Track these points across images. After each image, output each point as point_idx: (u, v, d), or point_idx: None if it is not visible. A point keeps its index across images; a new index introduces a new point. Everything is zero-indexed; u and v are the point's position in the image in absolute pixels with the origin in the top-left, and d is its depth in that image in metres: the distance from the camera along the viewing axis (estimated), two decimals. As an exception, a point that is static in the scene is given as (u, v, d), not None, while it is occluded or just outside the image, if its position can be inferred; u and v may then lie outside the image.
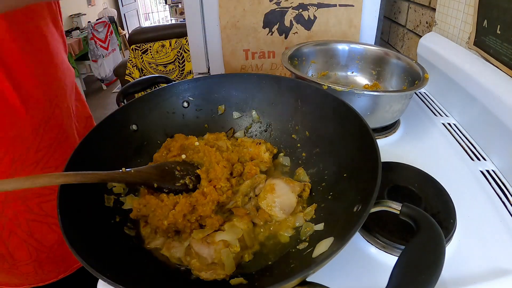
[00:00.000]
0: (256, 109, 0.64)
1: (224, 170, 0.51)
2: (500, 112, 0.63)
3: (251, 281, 0.41)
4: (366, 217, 0.35)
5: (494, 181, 0.62)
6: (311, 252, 0.40)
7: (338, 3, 1.00)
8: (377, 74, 0.89)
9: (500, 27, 0.65)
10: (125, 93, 0.62)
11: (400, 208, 0.38)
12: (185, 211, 0.46)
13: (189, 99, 0.63)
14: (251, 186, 0.52)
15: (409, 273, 0.32)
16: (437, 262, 0.32)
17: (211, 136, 0.60)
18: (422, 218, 0.36)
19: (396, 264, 0.33)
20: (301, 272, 0.32)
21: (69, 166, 0.43)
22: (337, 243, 0.38)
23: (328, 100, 0.55)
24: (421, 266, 0.32)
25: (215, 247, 0.43)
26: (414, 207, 0.37)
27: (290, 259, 0.43)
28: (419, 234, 0.35)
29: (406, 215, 0.37)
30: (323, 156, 0.55)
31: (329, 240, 0.40)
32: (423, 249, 0.33)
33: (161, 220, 0.45)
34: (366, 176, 0.42)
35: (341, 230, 0.40)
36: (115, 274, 0.33)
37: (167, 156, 0.55)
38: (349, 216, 0.40)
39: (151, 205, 0.47)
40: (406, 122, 0.80)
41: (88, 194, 0.45)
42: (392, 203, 0.38)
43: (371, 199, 0.36)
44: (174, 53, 2.35)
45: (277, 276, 0.41)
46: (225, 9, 0.99)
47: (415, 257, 0.33)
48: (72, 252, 0.33)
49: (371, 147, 0.43)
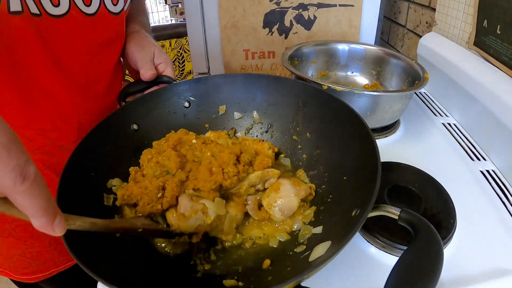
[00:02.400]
0: (257, 109, 0.64)
1: (230, 156, 0.51)
2: (500, 112, 0.63)
3: (246, 283, 0.41)
4: (363, 222, 0.34)
5: (494, 181, 0.62)
6: (308, 256, 0.40)
7: (338, 3, 1.00)
8: (377, 74, 0.89)
9: (500, 27, 0.65)
10: (125, 93, 0.62)
11: (399, 213, 0.37)
12: (175, 192, 0.47)
13: (190, 99, 0.62)
14: (261, 178, 0.52)
15: (406, 280, 0.31)
16: (435, 269, 0.31)
17: (212, 134, 0.60)
18: (420, 224, 0.36)
19: (393, 270, 0.32)
20: (295, 277, 0.31)
21: (69, 165, 0.43)
22: (334, 247, 0.38)
23: (330, 101, 0.55)
24: (419, 273, 0.31)
25: (194, 204, 0.45)
26: (413, 213, 0.37)
27: (287, 261, 0.43)
28: (417, 240, 0.34)
29: (404, 221, 0.37)
30: (324, 158, 0.55)
31: (326, 244, 0.39)
32: (421, 256, 0.33)
33: (154, 206, 0.46)
34: (365, 180, 0.42)
35: (339, 234, 0.40)
36: (114, 276, 0.33)
37: (164, 144, 0.55)
38: (348, 220, 0.40)
39: (135, 194, 0.47)
40: (406, 122, 0.80)
41: (87, 193, 0.45)
42: (390, 208, 0.38)
43: (369, 204, 0.36)
44: (174, 53, 2.35)
45: (272, 279, 0.40)
46: (225, 9, 0.99)
47: (413, 264, 0.32)
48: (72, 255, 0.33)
49: (371, 151, 0.43)
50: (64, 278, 0.74)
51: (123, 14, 0.65)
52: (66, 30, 0.54)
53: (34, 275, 0.70)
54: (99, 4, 0.58)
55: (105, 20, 0.60)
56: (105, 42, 0.62)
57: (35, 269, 0.70)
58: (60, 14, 0.52)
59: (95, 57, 0.61)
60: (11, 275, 0.69)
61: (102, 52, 0.62)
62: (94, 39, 0.59)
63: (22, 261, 0.68)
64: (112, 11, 0.61)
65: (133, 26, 0.72)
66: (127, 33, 0.70)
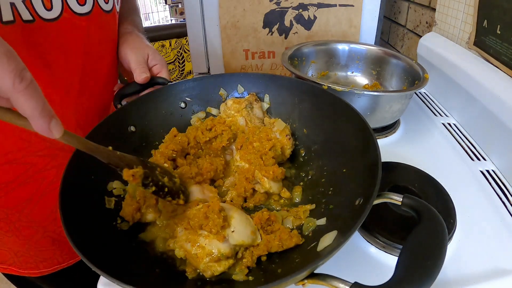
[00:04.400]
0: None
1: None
2: (500, 112, 0.63)
3: (256, 277, 0.41)
4: (370, 208, 0.35)
5: (494, 181, 0.62)
6: (315, 247, 0.40)
7: (338, 3, 1.00)
8: (377, 74, 0.89)
9: (500, 27, 0.65)
10: (121, 95, 0.62)
11: (402, 199, 0.38)
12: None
13: (186, 99, 0.63)
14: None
15: (416, 260, 0.32)
16: (441, 247, 0.33)
17: (234, 105, 0.60)
18: (423, 208, 0.37)
19: (402, 252, 0.34)
20: (310, 265, 0.32)
21: (69, 170, 0.43)
22: (341, 236, 0.39)
23: (325, 97, 0.56)
24: (427, 252, 0.33)
25: (205, 193, 0.49)
26: (415, 198, 0.38)
27: (294, 254, 0.43)
28: (421, 223, 0.36)
29: (407, 206, 0.38)
30: (322, 153, 0.56)
31: (332, 233, 0.40)
32: (427, 237, 0.34)
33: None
34: (366, 170, 0.43)
35: (344, 223, 0.41)
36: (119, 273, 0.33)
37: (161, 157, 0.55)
38: (351, 209, 0.41)
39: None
40: (406, 122, 0.80)
41: (89, 196, 0.45)
42: (393, 195, 0.39)
43: (374, 190, 0.37)
44: (174, 53, 2.35)
45: (282, 271, 0.41)
46: (225, 9, 0.99)
47: (420, 244, 0.34)
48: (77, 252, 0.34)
49: (370, 141, 0.44)
50: (67, 274, 0.75)
51: (115, 12, 0.65)
52: (59, 33, 0.54)
53: (38, 270, 0.71)
54: (93, 2, 0.58)
55: (98, 19, 0.60)
56: (98, 42, 0.62)
57: (39, 265, 0.70)
58: (53, 18, 0.53)
59: (89, 58, 0.61)
60: (15, 271, 0.70)
61: (96, 52, 0.62)
62: (87, 39, 0.59)
63: (26, 257, 0.68)
64: (104, 9, 0.61)
65: (125, 26, 0.72)
66: (120, 33, 0.70)
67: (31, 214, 0.65)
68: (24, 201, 0.63)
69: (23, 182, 0.61)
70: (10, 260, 0.68)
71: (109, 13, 0.63)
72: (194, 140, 0.58)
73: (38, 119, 0.29)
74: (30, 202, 0.64)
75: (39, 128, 0.30)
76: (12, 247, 0.67)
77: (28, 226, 0.66)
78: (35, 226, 0.66)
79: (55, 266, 0.72)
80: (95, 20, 0.59)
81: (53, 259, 0.71)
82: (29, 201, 0.64)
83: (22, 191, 0.62)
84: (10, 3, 0.47)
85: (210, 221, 0.42)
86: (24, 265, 0.69)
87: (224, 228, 0.42)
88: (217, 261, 0.40)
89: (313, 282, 0.33)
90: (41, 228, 0.67)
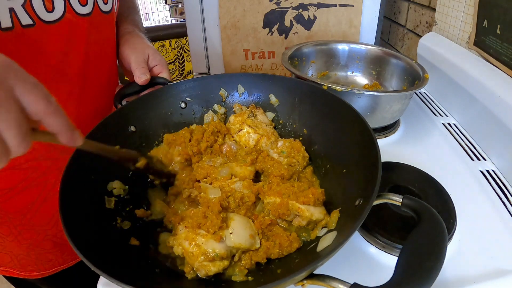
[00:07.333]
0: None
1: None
2: (500, 112, 0.63)
3: (256, 277, 0.41)
4: (370, 209, 0.35)
5: (494, 181, 0.62)
6: (314, 247, 0.41)
7: (338, 3, 1.00)
8: (377, 74, 0.89)
9: (500, 27, 0.65)
10: (121, 95, 0.62)
11: (402, 200, 0.38)
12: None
13: (187, 99, 0.63)
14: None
15: (416, 259, 0.32)
16: (442, 247, 0.33)
17: (237, 119, 0.60)
18: (423, 208, 0.37)
19: (402, 252, 0.34)
20: (309, 265, 0.32)
21: (69, 169, 0.43)
22: (340, 237, 0.39)
23: (325, 97, 0.56)
24: (426, 254, 0.33)
25: (216, 183, 0.51)
26: (415, 199, 0.38)
27: (293, 255, 0.43)
28: (421, 223, 0.36)
29: (407, 207, 0.38)
30: (322, 154, 0.56)
31: (332, 234, 0.40)
32: (426, 237, 0.34)
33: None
34: (366, 170, 0.43)
35: (343, 224, 0.41)
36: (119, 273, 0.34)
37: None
38: (350, 210, 0.41)
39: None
40: (406, 122, 0.80)
41: (88, 196, 0.45)
42: (393, 195, 0.39)
43: (374, 191, 0.37)
44: (174, 53, 2.35)
45: (282, 271, 0.41)
46: (225, 9, 0.99)
47: (421, 244, 0.34)
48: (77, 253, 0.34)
49: (370, 141, 0.44)
50: (67, 275, 0.75)
51: (114, 13, 0.65)
52: (61, 34, 0.54)
53: (38, 272, 0.71)
54: (94, 3, 0.58)
55: (99, 19, 0.60)
56: (98, 43, 0.62)
57: (40, 267, 0.70)
58: (55, 20, 0.52)
59: (89, 59, 0.61)
60: (15, 273, 0.70)
61: (96, 53, 0.62)
62: (88, 40, 0.59)
63: (27, 260, 0.68)
64: (103, 10, 0.61)
65: (126, 25, 0.71)
66: (120, 33, 0.69)
67: (33, 218, 0.65)
68: (27, 206, 0.63)
69: (26, 186, 0.61)
70: (11, 263, 0.68)
71: (108, 14, 0.63)
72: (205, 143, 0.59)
73: (65, 133, 0.34)
74: (33, 207, 0.64)
75: (65, 141, 0.35)
76: (13, 250, 0.67)
77: (30, 230, 0.66)
78: (37, 230, 0.66)
79: (56, 267, 0.72)
80: (95, 21, 0.59)
81: (53, 261, 0.71)
82: (32, 206, 0.64)
83: (25, 196, 0.62)
84: (9, 9, 0.47)
85: (208, 221, 0.43)
86: (25, 267, 0.69)
87: (222, 229, 0.43)
88: (212, 261, 0.41)
89: (313, 282, 0.33)
90: (42, 232, 0.67)
